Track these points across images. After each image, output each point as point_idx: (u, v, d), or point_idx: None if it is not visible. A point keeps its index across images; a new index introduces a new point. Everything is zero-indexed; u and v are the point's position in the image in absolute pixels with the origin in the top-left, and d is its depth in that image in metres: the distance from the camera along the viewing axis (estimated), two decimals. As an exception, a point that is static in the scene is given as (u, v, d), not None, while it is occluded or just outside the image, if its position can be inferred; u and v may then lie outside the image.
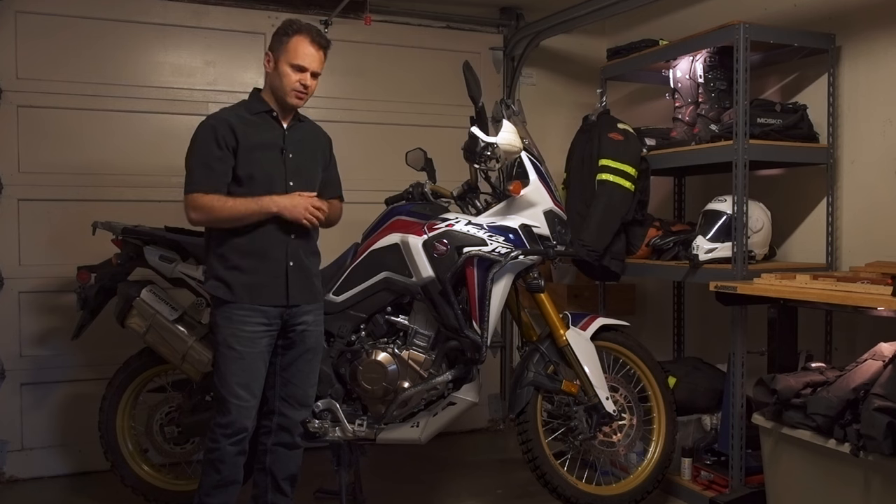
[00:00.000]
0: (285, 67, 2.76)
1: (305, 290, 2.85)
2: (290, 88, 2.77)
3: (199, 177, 2.71)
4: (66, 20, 3.92)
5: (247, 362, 2.75)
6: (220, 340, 2.76)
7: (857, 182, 3.39)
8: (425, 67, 4.60)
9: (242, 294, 2.73)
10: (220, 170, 2.71)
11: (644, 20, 4.44)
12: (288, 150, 2.82)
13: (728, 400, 3.33)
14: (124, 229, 3.31)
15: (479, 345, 3.05)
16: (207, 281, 2.81)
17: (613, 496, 3.28)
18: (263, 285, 2.76)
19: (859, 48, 3.37)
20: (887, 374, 2.54)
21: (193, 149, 2.75)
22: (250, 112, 2.81)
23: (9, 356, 3.84)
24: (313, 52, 2.79)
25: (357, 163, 4.43)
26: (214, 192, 2.69)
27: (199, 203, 2.69)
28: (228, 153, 2.71)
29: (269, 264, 2.77)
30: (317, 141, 2.99)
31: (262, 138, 2.78)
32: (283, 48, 2.77)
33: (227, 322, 2.74)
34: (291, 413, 2.90)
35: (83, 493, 3.74)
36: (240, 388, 2.74)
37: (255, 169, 2.74)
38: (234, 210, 2.69)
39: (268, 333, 2.79)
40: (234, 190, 2.73)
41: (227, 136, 2.71)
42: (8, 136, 3.82)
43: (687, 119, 3.69)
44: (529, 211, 3.16)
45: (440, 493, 3.72)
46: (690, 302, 4.25)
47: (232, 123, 2.73)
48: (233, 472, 2.79)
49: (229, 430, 2.74)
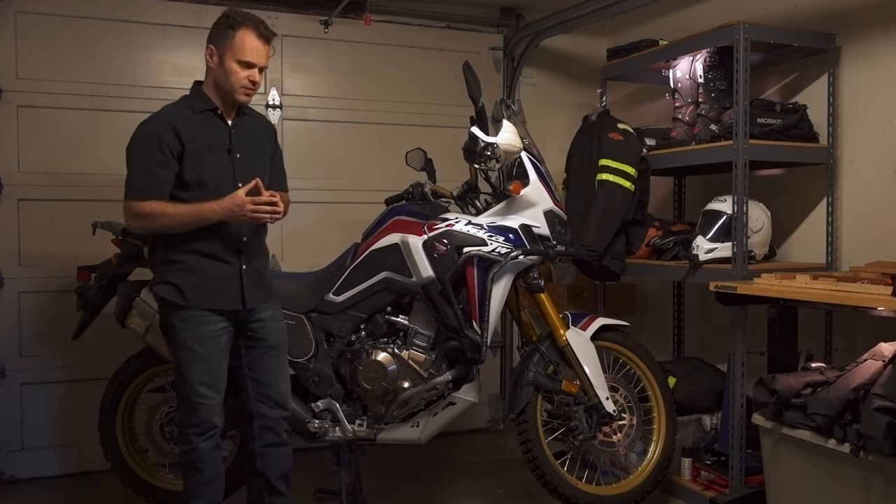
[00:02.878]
0: (232, 64, 2.63)
1: (259, 292, 2.78)
2: (240, 86, 2.65)
3: (138, 183, 2.60)
4: (66, 20, 3.91)
5: (209, 362, 2.68)
6: (177, 343, 2.68)
7: (857, 182, 3.39)
8: (425, 67, 4.60)
9: (196, 299, 2.65)
10: (162, 176, 2.59)
11: (644, 20, 4.44)
12: (235, 150, 2.70)
13: (728, 400, 3.33)
14: (124, 229, 3.30)
15: (479, 345, 3.05)
16: (157, 284, 2.70)
17: (613, 496, 3.28)
18: (218, 290, 2.68)
19: (859, 48, 3.37)
20: (887, 374, 2.54)
21: (133, 153, 2.63)
22: (193, 110, 2.68)
23: (9, 356, 3.85)
24: (260, 47, 2.66)
25: (357, 163, 4.44)
26: (155, 199, 2.59)
27: (137, 210, 2.59)
28: (172, 159, 2.59)
29: (222, 269, 2.69)
30: (261, 134, 2.86)
31: (208, 140, 2.66)
32: (228, 43, 2.63)
33: (183, 324, 2.66)
34: (269, 413, 2.83)
35: (83, 493, 3.74)
36: (204, 387, 2.67)
37: (203, 173, 2.64)
38: (175, 218, 2.59)
39: (226, 331, 2.72)
40: (181, 195, 2.62)
41: (172, 142, 2.59)
42: (8, 136, 3.82)
43: (687, 119, 3.69)
44: (529, 211, 3.16)
45: (440, 493, 3.72)
46: (690, 302, 4.25)
47: (176, 127, 2.61)
48: (213, 469, 2.75)
49: (200, 429, 2.69)
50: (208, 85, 2.72)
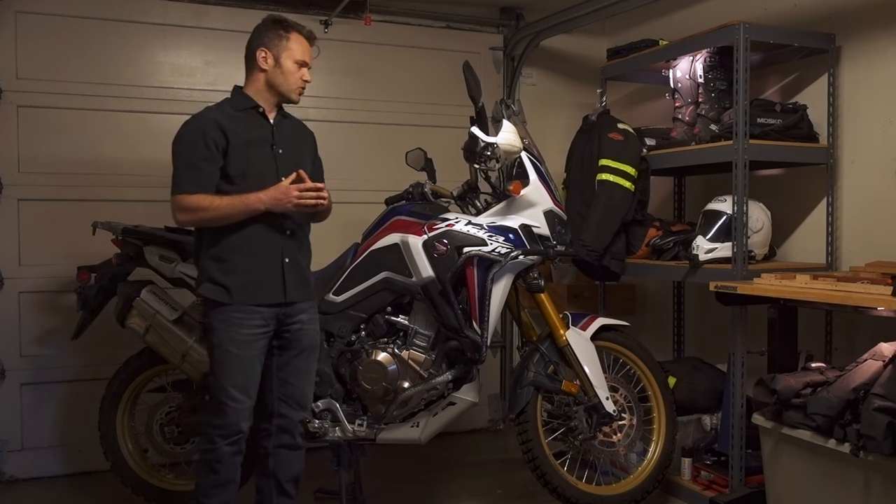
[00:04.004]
0: (290, 64, 2.76)
1: (301, 287, 2.83)
2: (296, 85, 2.79)
3: (185, 177, 2.67)
4: (66, 20, 3.91)
5: (244, 364, 2.72)
6: (216, 343, 2.73)
7: (857, 182, 3.39)
8: (425, 67, 4.60)
9: (239, 294, 2.70)
10: (208, 170, 2.67)
11: (644, 20, 4.44)
12: (277, 146, 2.79)
13: (728, 400, 3.33)
14: (124, 229, 3.31)
15: (479, 345, 3.05)
16: (201, 284, 2.76)
17: (613, 496, 3.28)
18: (260, 283, 2.72)
19: (859, 48, 3.37)
20: (887, 374, 2.54)
21: (179, 149, 2.71)
22: (236, 109, 2.76)
23: (9, 356, 3.85)
24: (309, 47, 2.83)
25: (357, 163, 4.44)
26: (201, 192, 2.65)
27: (185, 203, 2.65)
28: (217, 153, 2.67)
29: (265, 262, 2.74)
30: (303, 136, 2.97)
31: (251, 135, 2.74)
32: (284, 45, 2.76)
33: (224, 325, 2.71)
34: (290, 413, 2.87)
35: (83, 493, 3.74)
36: (236, 390, 2.71)
37: (247, 166, 2.71)
38: (221, 210, 2.65)
39: (265, 335, 2.76)
40: (226, 188, 2.69)
41: (217, 136, 2.67)
42: (8, 136, 3.82)
43: (687, 119, 3.69)
44: (529, 211, 3.16)
45: (440, 493, 3.72)
46: (690, 302, 4.25)
47: (221, 123, 2.69)
48: (231, 472, 2.78)
49: (225, 432, 2.72)
50: (254, 87, 2.80)
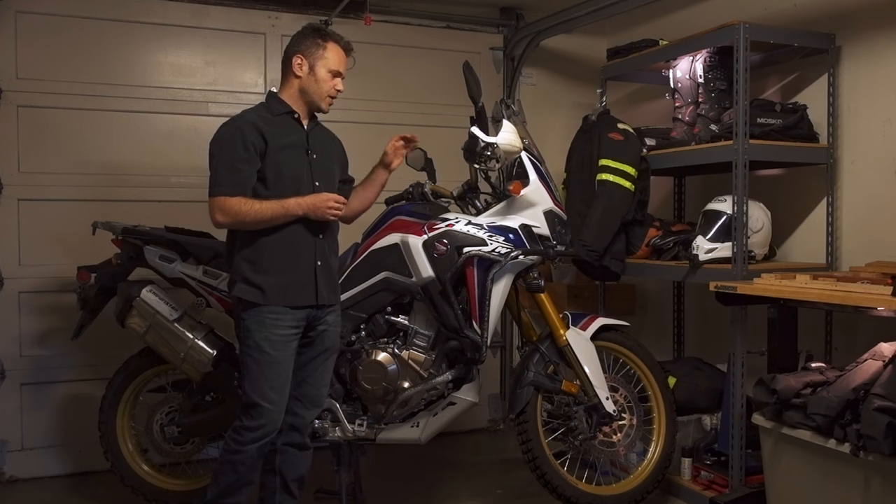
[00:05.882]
0: (324, 73, 2.79)
1: (332, 289, 2.87)
2: (327, 94, 2.82)
3: (225, 179, 2.68)
4: (66, 20, 3.92)
5: (280, 366, 2.74)
6: (251, 345, 2.73)
7: (857, 182, 3.39)
8: (425, 67, 4.60)
9: (274, 296, 2.71)
10: (246, 172, 2.68)
11: (644, 20, 4.44)
12: (312, 151, 2.83)
13: (728, 400, 3.33)
14: (124, 229, 3.31)
15: (479, 345, 3.05)
16: (235, 285, 2.76)
17: (613, 496, 3.28)
18: (295, 286, 2.75)
19: (859, 48, 3.37)
20: (887, 374, 2.54)
21: (219, 151, 2.71)
22: (272, 113, 2.79)
23: (9, 356, 3.85)
24: (345, 58, 2.87)
25: (357, 163, 4.39)
26: (240, 195, 2.67)
27: (224, 206, 2.66)
28: (255, 156, 2.69)
29: (300, 264, 2.76)
30: (334, 144, 3.01)
31: (287, 139, 2.77)
32: (320, 53, 2.79)
33: (259, 326, 2.71)
34: (304, 413, 2.89)
35: (83, 493, 3.74)
36: (272, 391, 2.73)
37: (283, 170, 2.74)
38: (261, 213, 2.67)
39: (296, 336, 2.78)
40: (262, 191, 2.71)
41: (255, 139, 2.69)
42: (8, 136, 3.82)
43: (687, 119, 3.69)
44: (529, 211, 3.16)
45: (440, 493, 3.72)
46: (690, 302, 4.25)
47: (259, 126, 2.71)
48: (251, 474, 2.79)
49: (258, 434, 2.73)
50: (288, 93, 2.83)
